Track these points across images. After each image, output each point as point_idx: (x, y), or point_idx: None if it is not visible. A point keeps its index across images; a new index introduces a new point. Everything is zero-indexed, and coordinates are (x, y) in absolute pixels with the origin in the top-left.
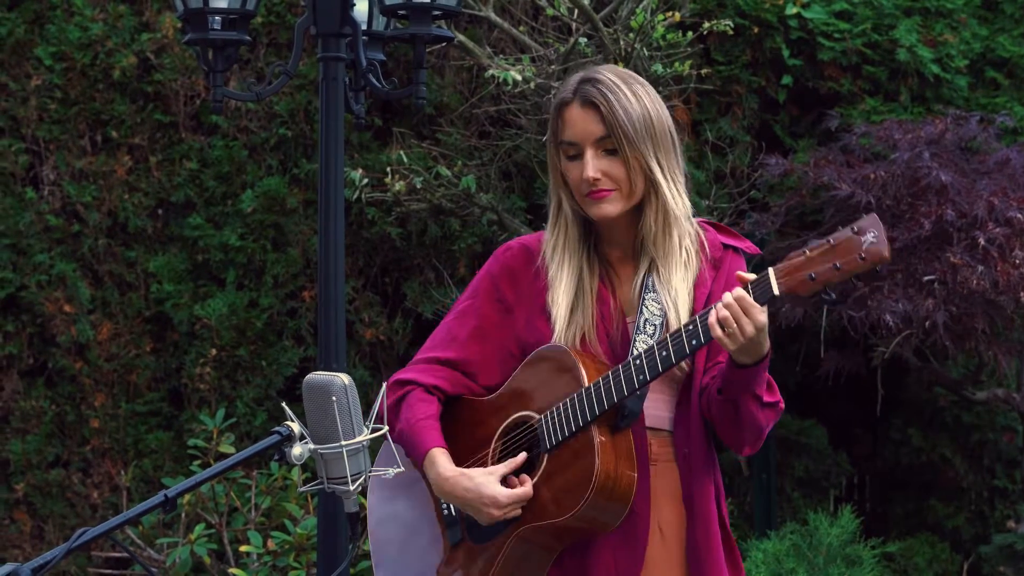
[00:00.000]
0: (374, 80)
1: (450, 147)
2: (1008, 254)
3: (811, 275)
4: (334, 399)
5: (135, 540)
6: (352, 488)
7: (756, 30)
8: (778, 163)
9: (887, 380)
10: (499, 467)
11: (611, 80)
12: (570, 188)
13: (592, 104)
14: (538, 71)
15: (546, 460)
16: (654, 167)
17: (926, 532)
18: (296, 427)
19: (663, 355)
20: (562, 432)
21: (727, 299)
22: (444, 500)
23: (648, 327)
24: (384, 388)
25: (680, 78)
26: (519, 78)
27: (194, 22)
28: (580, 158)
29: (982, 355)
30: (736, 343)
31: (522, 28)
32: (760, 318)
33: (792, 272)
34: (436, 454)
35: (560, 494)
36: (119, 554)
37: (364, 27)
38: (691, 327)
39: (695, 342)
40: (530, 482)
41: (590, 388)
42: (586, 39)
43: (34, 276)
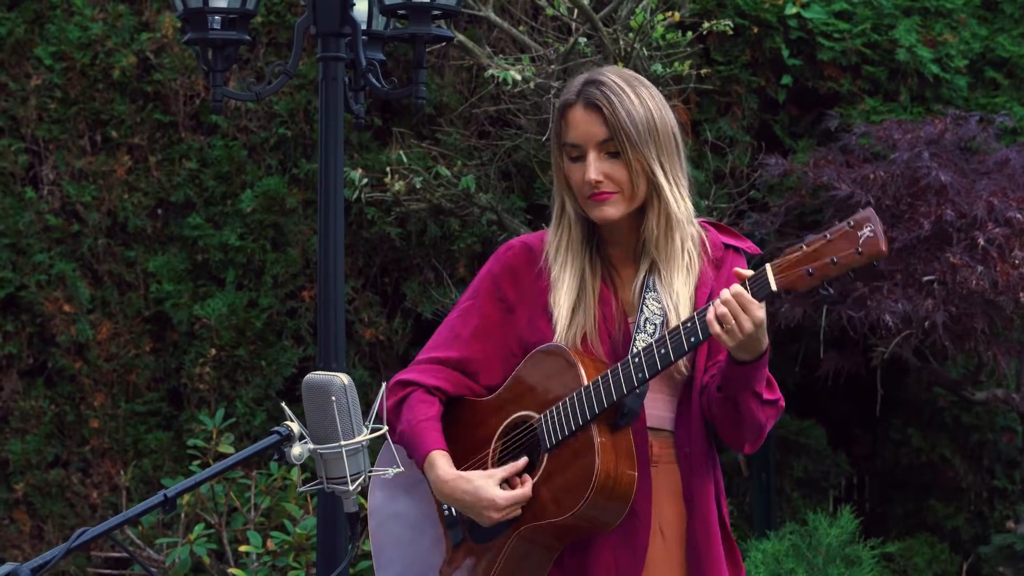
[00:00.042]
0: (374, 80)
1: (450, 147)
2: (1007, 254)
3: (808, 270)
4: (333, 399)
5: (135, 540)
6: (351, 488)
7: (756, 30)
8: (778, 163)
9: (886, 380)
10: (498, 471)
11: (615, 82)
12: (572, 190)
13: (595, 106)
14: (538, 71)
15: (546, 459)
16: (656, 170)
17: (925, 532)
18: (295, 427)
19: (662, 353)
20: (562, 431)
21: (725, 295)
22: (444, 502)
23: (648, 326)
24: (384, 388)
25: (680, 78)
26: (519, 78)
27: (194, 22)
28: (583, 160)
29: (981, 355)
30: (735, 340)
31: (522, 28)
32: (758, 314)
33: (789, 267)
34: (436, 457)
35: (560, 493)
36: (119, 554)
37: (364, 27)
38: (689, 324)
39: (693, 339)
40: (529, 483)
41: (589, 387)
42: (586, 39)
43: (34, 276)
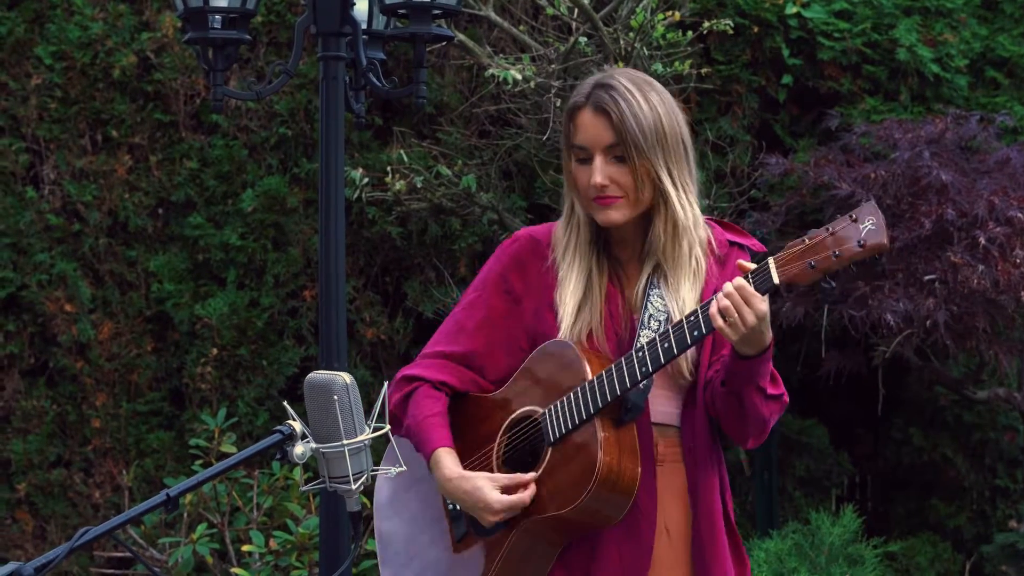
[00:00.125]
0: (374, 79)
1: (450, 146)
2: (1009, 253)
3: (811, 263)
4: (336, 398)
5: (137, 540)
6: (354, 487)
7: (756, 29)
8: (778, 162)
9: (888, 379)
10: (502, 477)
11: (625, 87)
12: (579, 191)
13: (603, 111)
14: (538, 70)
15: (550, 453)
16: (663, 177)
17: (928, 531)
18: (298, 426)
19: (665, 347)
20: (565, 426)
21: (727, 288)
22: (447, 499)
23: (652, 323)
24: (386, 387)
25: (680, 77)
26: (519, 77)
27: (194, 21)
28: (590, 163)
29: (983, 354)
30: (738, 333)
31: (522, 27)
32: (761, 307)
33: (791, 260)
34: (441, 455)
35: (563, 487)
36: (121, 554)
37: (364, 26)
38: (692, 318)
39: (696, 333)
40: (528, 492)
41: (593, 381)
42: (586, 38)
43: (35, 275)
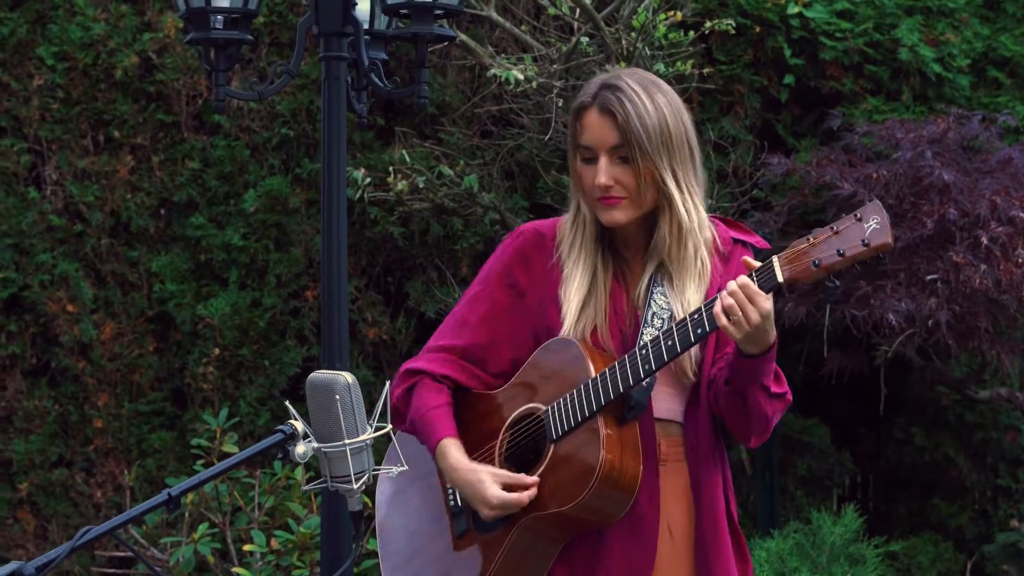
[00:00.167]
0: (376, 79)
1: (452, 146)
2: (1011, 253)
3: (815, 262)
4: (337, 397)
5: (139, 539)
6: (355, 487)
7: (758, 29)
8: (780, 162)
9: (890, 379)
10: (505, 474)
11: (631, 88)
12: (584, 191)
13: (609, 112)
14: (540, 70)
15: (552, 451)
16: (668, 179)
17: (929, 531)
18: (300, 426)
19: (668, 344)
20: (568, 423)
21: (731, 287)
22: (452, 487)
23: (656, 320)
24: (387, 387)
25: (682, 77)
26: (521, 77)
27: (196, 21)
28: (595, 163)
29: (985, 354)
30: (742, 331)
31: (524, 27)
32: (765, 305)
33: (796, 259)
34: (447, 444)
35: (565, 483)
36: (123, 553)
37: (366, 26)
38: (696, 316)
39: (700, 331)
40: (527, 495)
41: (596, 378)
42: (588, 38)
43: (37, 276)
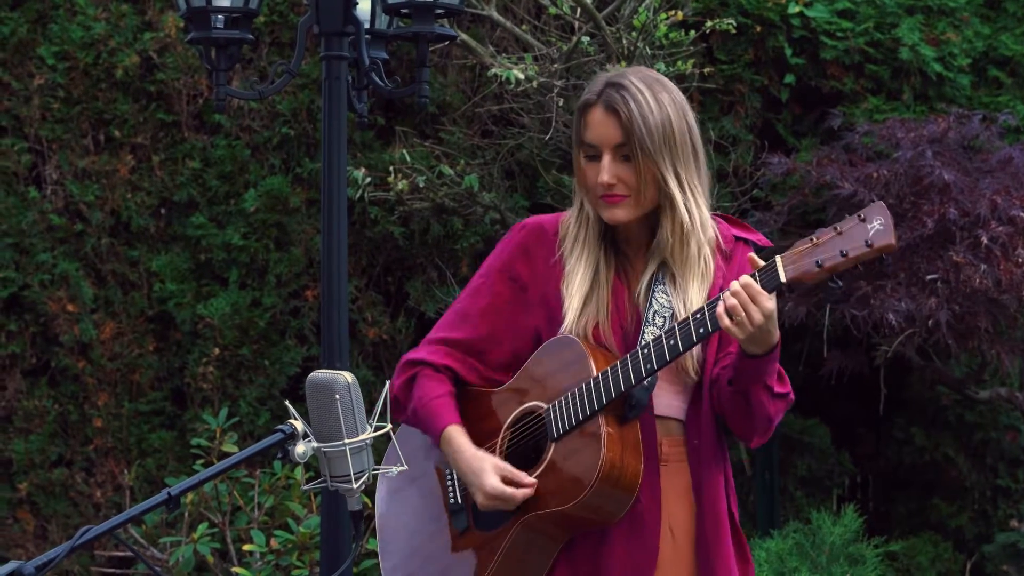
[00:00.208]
0: (377, 79)
1: (453, 146)
2: (1011, 253)
3: (818, 262)
4: (337, 397)
5: (138, 539)
6: (355, 486)
7: (759, 29)
8: (781, 162)
9: (890, 379)
10: (508, 468)
11: (636, 86)
12: (587, 188)
13: (614, 110)
14: (541, 70)
15: (553, 449)
16: (669, 179)
17: (929, 531)
18: (299, 425)
19: (671, 344)
20: (569, 421)
21: (734, 287)
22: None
23: (657, 319)
24: (387, 387)
25: (683, 77)
26: (522, 77)
27: (197, 21)
28: (598, 160)
29: (985, 354)
30: (745, 332)
31: (524, 27)
32: (768, 305)
33: (799, 259)
34: (453, 431)
35: (566, 482)
36: (122, 553)
37: (367, 26)
38: (699, 315)
39: (702, 330)
40: (522, 492)
41: (598, 377)
42: (589, 38)
43: (37, 275)
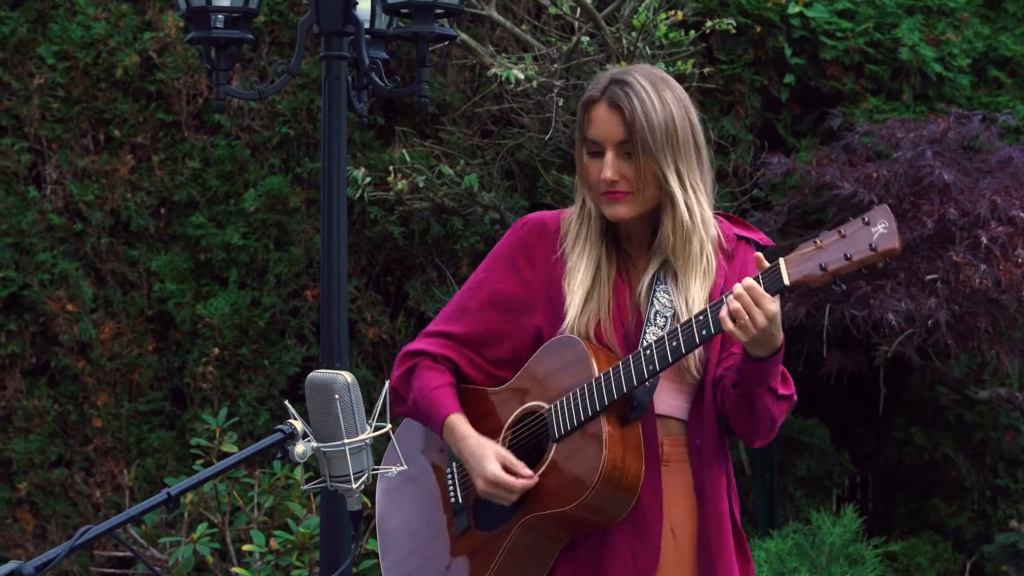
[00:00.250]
0: (377, 79)
1: (453, 146)
2: (1011, 253)
3: (821, 264)
4: (337, 397)
5: (138, 539)
6: (355, 486)
7: (758, 29)
8: (780, 162)
9: (889, 379)
10: (510, 456)
11: (640, 84)
12: (589, 184)
13: (617, 107)
14: (540, 70)
15: (554, 449)
16: (671, 177)
17: (928, 531)
18: (299, 425)
19: (673, 345)
20: (571, 422)
21: (737, 290)
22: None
23: (659, 319)
24: (387, 387)
25: (682, 77)
26: (521, 77)
27: (196, 21)
28: (601, 156)
29: (985, 354)
30: (748, 335)
31: (524, 27)
32: (771, 308)
33: (802, 262)
34: (455, 420)
35: (567, 483)
36: (122, 553)
37: (367, 25)
38: (701, 317)
39: (705, 332)
40: (521, 482)
41: (600, 378)
42: (588, 38)
43: (37, 275)
